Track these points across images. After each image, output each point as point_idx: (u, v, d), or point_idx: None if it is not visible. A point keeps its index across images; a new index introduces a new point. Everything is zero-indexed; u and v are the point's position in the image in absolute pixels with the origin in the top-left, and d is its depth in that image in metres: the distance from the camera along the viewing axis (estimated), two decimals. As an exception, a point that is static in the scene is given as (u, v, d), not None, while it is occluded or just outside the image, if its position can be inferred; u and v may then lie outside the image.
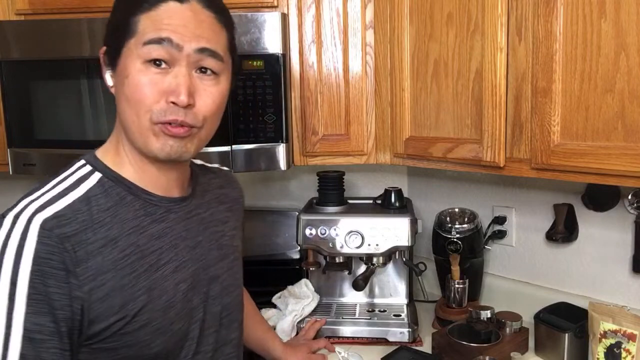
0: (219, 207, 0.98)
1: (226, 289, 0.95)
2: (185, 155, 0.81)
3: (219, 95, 0.82)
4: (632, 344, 1.10)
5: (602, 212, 1.32)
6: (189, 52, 0.77)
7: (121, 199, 0.81)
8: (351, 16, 1.43)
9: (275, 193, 1.90)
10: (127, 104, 0.77)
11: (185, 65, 0.77)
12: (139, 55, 0.76)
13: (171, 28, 0.76)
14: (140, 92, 0.76)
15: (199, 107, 0.79)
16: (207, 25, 0.79)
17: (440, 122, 1.29)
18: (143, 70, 0.76)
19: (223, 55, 0.81)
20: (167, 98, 0.76)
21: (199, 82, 0.79)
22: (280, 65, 1.35)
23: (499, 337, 1.26)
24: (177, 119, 0.77)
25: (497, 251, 1.58)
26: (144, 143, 0.79)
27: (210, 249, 0.93)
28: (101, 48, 0.83)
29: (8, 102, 1.39)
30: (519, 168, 1.11)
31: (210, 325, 0.91)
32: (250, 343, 1.24)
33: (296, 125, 1.46)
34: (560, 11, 0.98)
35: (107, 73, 0.83)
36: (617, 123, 0.92)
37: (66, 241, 0.73)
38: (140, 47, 0.76)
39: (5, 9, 1.44)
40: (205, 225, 0.93)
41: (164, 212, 0.86)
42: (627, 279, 1.30)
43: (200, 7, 0.78)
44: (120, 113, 0.81)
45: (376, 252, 1.42)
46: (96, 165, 0.83)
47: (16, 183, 1.76)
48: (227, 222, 0.99)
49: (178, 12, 0.77)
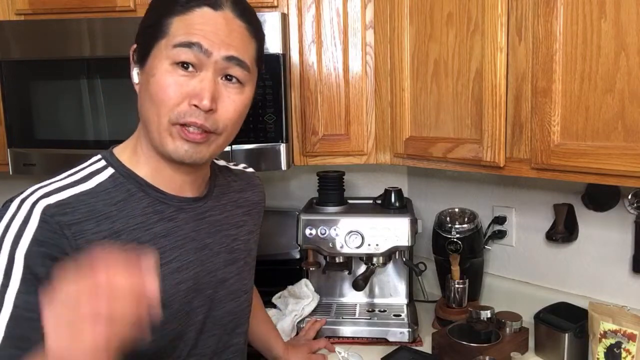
0: (236, 211, 0.98)
1: (233, 293, 0.94)
2: (199, 160, 0.82)
3: (241, 104, 0.82)
4: (632, 344, 1.10)
5: (602, 212, 1.32)
6: (217, 58, 0.77)
7: (131, 194, 0.82)
8: (351, 16, 1.43)
9: (275, 193, 1.90)
10: (150, 103, 0.78)
11: (211, 71, 0.78)
12: (167, 56, 0.77)
13: (202, 33, 0.77)
14: (164, 92, 0.77)
15: (220, 113, 0.80)
16: (238, 34, 0.80)
17: (440, 122, 1.29)
18: (170, 72, 0.77)
19: (250, 65, 0.82)
20: (189, 100, 0.77)
21: (224, 89, 0.80)
22: (280, 65, 1.35)
23: (499, 337, 1.26)
24: (197, 122, 0.77)
25: (497, 251, 1.58)
26: (160, 142, 0.80)
27: (219, 252, 0.92)
28: (132, 45, 0.84)
29: (8, 102, 1.39)
30: (519, 168, 1.11)
31: (210, 329, 0.91)
32: (252, 339, 1.24)
33: (296, 125, 1.46)
34: (560, 11, 0.98)
35: (134, 70, 0.84)
36: (617, 123, 0.92)
37: (66, 228, 0.74)
38: (170, 48, 0.77)
39: (5, 9, 1.44)
40: (217, 228, 0.92)
41: (174, 211, 0.86)
42: (627, 279, 1.30)
43: (232, 16, 0.79)
44: (141, 111, 0.82)
45: (376, 252, 1.42)
46: (111, 161, 0.84)
47: (16, 183, 1.75)
48: (242, 226, 0.98)
49: (211, 19, 0.78)
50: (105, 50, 1.34)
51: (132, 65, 0.84)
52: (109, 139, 1.38)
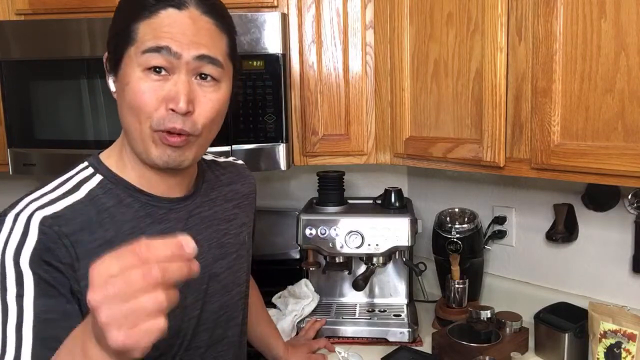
0: (225, 205, 0.98)
1: (225, 287, 0.95)
2: (184, 163, 0.82)
3: (218, 101, 0.82)
4: (632, 344, 1.10)
5: (602, 212, 1.32)
6: (187, 59, 0.76)
7: (120, 200, 0.82)
8: (351, 16, 1.43)
9: (275, 193, 1.90)
10: (129, 111, 0.78)
11: (184, 73, 0.77)
12: (138, 64, 0.76)
13: (169, 36, 0.75)
14: (140, 99, 0.76)
15: (198, 114, 0.79)
16: (206, 31, 0.79)
17: (440, 122, 1.29)
18: (143, 78, 0.76)
19: (223, 61, 0.81)
20: (166, 105, 0.76)
21: (199, 88, 0.79)
22: (280, 65, 1.35)
23: (499, 337, 1.26)
24: (176, 127, 0.77)
25: (497, 251, 1.58)
26: (145, 150, 0.79)
27: (210, 247, 0.93)
28: (104, 53, 0.84)
29: (8, 102, 1.39)
30: (519, 168, 1.11)
31: (205, 323, 0.92)
32: (253, 339, 1.24)
33: (296, 125, 1.46)
34: (560, 11, 0.98)
35: (110, 78, 0.83)
36: (617, 123, 0.92)
37: (64, 238, 0.75)
38: (139, 55, 0.76)
39: (5, 9, 1.44)
40: (207, 224, 0.93)
41: (165, 213, 0.86)
42: (627, 279, 1.30)
43: (199, 13, 0.78)
44: (122, 119, 0.81)
45: (376, 252, 1.42)
46: (98, 167, 0.84)
47: (16, 183, 1.75)
48: (233, 219, 0.98)
49: (177, 20, 0.76)
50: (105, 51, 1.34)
51: (107, 74, 0.83)
52: (109, 139, 1.38)
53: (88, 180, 0.82)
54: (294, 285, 1.56)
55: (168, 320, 0.83)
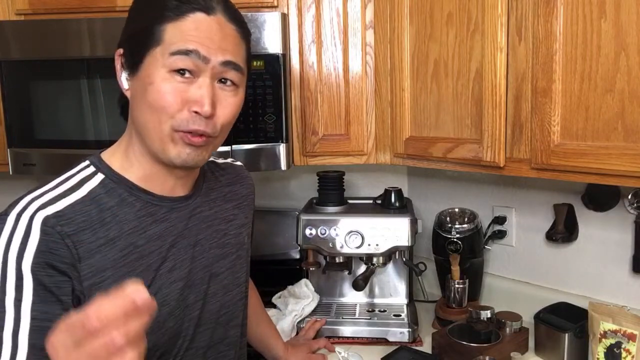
0: (225, 205, 0.99)
1: (226, 287, 0.95)
2: (200, 162, 0.83)
3: (236, 106, 0.84)
4: (632, 344, 1.10)
5: (602, 212, 1.32)
6: (214, 64, 0.78)
7: (122, 199, 0.82)
8: (351, 16, 1.43)
9: (275, 193, 1.90)
10: (150, 110, 0.78)
11: (209, 77, 0.78)
12: (164, 65, 0.77)
13: (198, 40, 0.77)
14: (164, 99, 0.77)
15: (218, 116, 0.81)
16: (232, 38, 0.81)
17: (440, 122, 1.29)
18: (168, 79, 0.77)
19: (243, 67, 0.83)
20: (189, 107, 0.78)
21: (220, 92, 0.81)
22: (280, 65, 1.35)
23: (499, 337, 1.26)
24: (199, 129, 0.78)
25: (497, 251, 1.58)
26: (162, 149, 0.80)
27: (211, 247, 0.93)
28: (117, 50, 0.83)
29: (8, 102, 1.39)
30: (519, 168, 1.11)
31: (205, 323, 0.92)
32: (252, 339, 1.24)
33: (296, 125, 1.46)
34: (560, 11, 0.98)
35: (122, 76, 0.83)
36: (617, 123, 0.92)
37: (67, 238, 0.75)
38: (166, 56, 0.77)
39: (5, 9, 1.44)
40: (208, 224, 0.93)
41: (166, 212, 0.87)
42: (627, 279, 1.30)
43: (225, 19, 0.80)
44: (138, 118, 0.81)
45: (376, 252, 1.42)
46: (100, 166, 0.84)
47: (16, 183, 1.75)
48: (232, 220, 0.99)
49: (205, 24, 0.78)
50: (105, 50, 1.34)
51: (120, 71, 0.83)
52: (109, 139, 1.38)
53: (89, 179, 0.82)
54: (294, 285, 1.56)
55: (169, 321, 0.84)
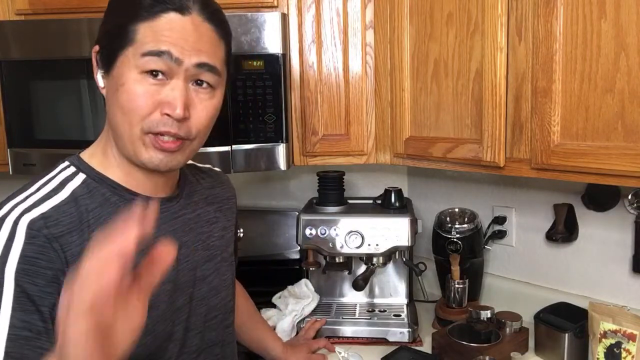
0: (207, 208, 0.97)
1: (213, 290, 0.94)
2: (174, 167, 0.82)
3: (212, 108, 0.81)
4: (632, 344, 1.10)
5: (602, 212, 1.32)
6: (188, 66, 0.76)
7: (106, 199, 0.80)
8: (351, 16, 1.43)
9: (275, 193, 1.90)
10: (121, 112, 0.76)
11: (182, 79, 0.76)
12: (136, 65, 0.75)
13: (171, 41, 0.74)
14: (135, 101, 0.75)
15: (193, 120, 0.79)
16: (207, 39, 0.78)
17: (440, 122, 1.29)
18: (139, 80, 0.75)
19: (220, 69, 0.81)
20: (161, 109, 0.76)
21: (195, 95, 0.79)
22: (280, 65, 1.34)
23: (499, 337, 1.26)
24: (170, 131, 0.76)
25: (497, 251, 1.58)
26: (134, 152, 0.78)
27: (197, 250, 0.92)
28: (94, 47, 0.81)
29: (8, 102, 1.39)
30: (519, 168, 1.11)
31: (195, 327, 0.91)
32: (250, 343, 1.24)
33: (296, 125, 1.46)
34: (560, 11, 0.98)
35: (98, 74, 0.81)
36: (617, 123, 0.92)
37: (54, 241, 0.73)
38: (138, 57, 0.75)
39: (5, 9, 1.44)
40: (191, 226, 0.92)
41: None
42: (627, 279, 1.30)
43: (201, 19, 0.77)
44: (111, 119, 0.80)
45: (376, 252, 1.42)
46: (80, 166, 0.83)
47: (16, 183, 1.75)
48: (215, 222, 0.98)
49: (179, 24, 0.75)
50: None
51: (96, 69, 0.81)
52: (109, 139, 1.38)
53: (71, 180, 0.80)
54: (294, 285, 1.56)
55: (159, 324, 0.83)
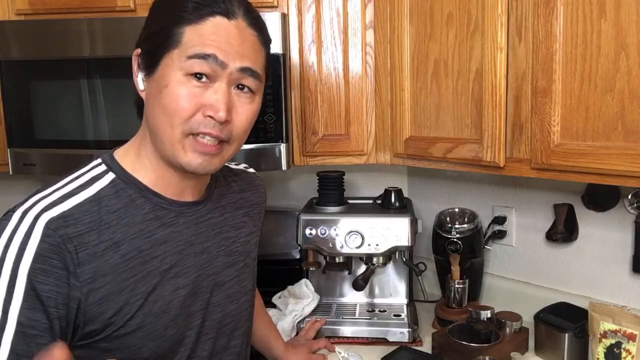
0: (235, 212, 0.97)
1: (231, 296, 0.94)
2: (212, 170, 0.82)
3: (252, 113, 0.82)
4: (632, 344, 1.10)
5: (602, 212, 1.32)
6: (232, 70, 0.77)
7: (132, 201, 0.81)
8: (351, 16, 1.43)
9: (275, 193, 1.90)
10: (163, 113, 0.77)
11: (225, 82, 0.77)
12: (181, 68, 0.75)
13: (216, 44, 0.75)
14: (178, 103, 0.75)
15: (234, 123, 0.79)
16: (250, 44, 0.79)
17: (440, 122, 1.29)
18: (183, 82, 0.75)
19: (261, 74, 0.82)
20: (204, 112, 0.76)
21: (237, 98, 0.79)
22: (280, 65, 1.35)
23: (499, 337, 1.26)
24: (212, 133, 0.77)
25: (497, 251, 1.58)
26: (173, 154, 0.79)
27: (218, 255, 0.91)
28: (135, 50, 0.81)
29: (8, 102, 1.39)
30: (519, 168, 1.11)
31: (208, 332, 0.90)
32: (253, 340, 1.24)
33: (296, 125, 1.46)
34: (560, 11, 0.98)
35: (139, 76, 0.81)
36: (617, 123, 0.92)
37: (69, 242, 0.73)
38: (183, 59, 0.75)
39: (5, 9, 1.44)
40: (217, 231, 0.92)
41: (174, 216, 0.85)
42: (627, 279, 1.30)
43: (245, 25, 0.78)
44: (151, 119, 0.80)
45: (376, 252, 1.42)
46: (112, 165, 0.83)
47: (16, 183, 1.76)
48: (242, 227, 0.97)
49: (224, 29, 0.76)
50: (105, 51, 1.34)
51: (137, 71, 0.81)
52: (109, 139, 1.38)
53: (100, 178, 0.81)
54: (294, 285, 1.56)
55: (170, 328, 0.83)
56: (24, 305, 0.70)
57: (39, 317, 0.71)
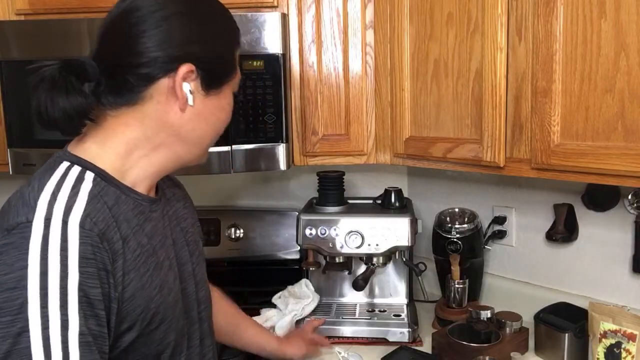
0: (177, 205, 0.98)
1: (199, 283, 0.97)
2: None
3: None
4: (632, 344, 1.10)
5: (602, 212, 1.32)
6: None
7: (117, 197, 0.79)
8: (351, 16, 1.43)
9: (275, 193, 1.90)
10: (214, 125, 0.87)
11: None
12: (234, 88, 0.88)
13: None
14: (229, 117, 0.89)
15: None
16: None
17: (440, 122, 1.29)
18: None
19: None
20: None
21: None
22: (280, 65, 1.34)
23: (499, 337, 1.26)
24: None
25: (497, 251, 1.58)
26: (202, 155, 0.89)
27: (182, 245, 0.94)
28: (187, 65, 0.78)
29: (8, 102, 1.39)
30: (519, 168, 1.11)
31: (195, 320, 0.93)
32: (245, 344, 1.24)
33: (296, 125, 1.46)
34: (560, 11, 0.98)
35: (185, 87, 0.79)
36: (617, 123, 0.92)
37: (103, 239, 0.72)
38: (237, 82, 0.88)
39: (5, 9, 1.44)
40: (174, 223, 0.93)
41: (150, 212, 0.85)
42: (627, 279, 1.30)
43: None
44: (193, 130, 0.83)
45: (376, 252, 1.42)
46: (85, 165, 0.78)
47: (16, 183, 1.75)
48: (187, 218, 0.99)
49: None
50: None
51: (186, 84, 0.79)
52: (109, 139, 1.38)
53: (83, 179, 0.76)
54: (294, 285, 1.56)
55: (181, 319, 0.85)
56: (80, 315, 0.67)
57: (93, 324, 0.69)
